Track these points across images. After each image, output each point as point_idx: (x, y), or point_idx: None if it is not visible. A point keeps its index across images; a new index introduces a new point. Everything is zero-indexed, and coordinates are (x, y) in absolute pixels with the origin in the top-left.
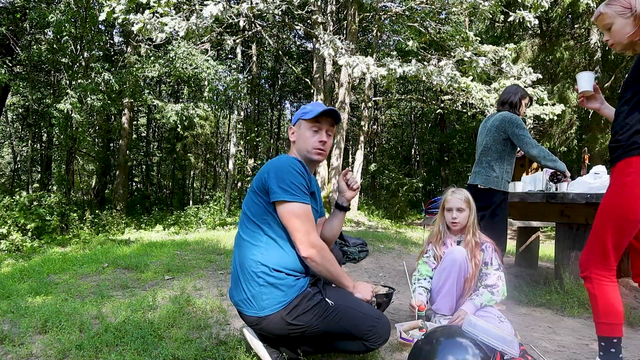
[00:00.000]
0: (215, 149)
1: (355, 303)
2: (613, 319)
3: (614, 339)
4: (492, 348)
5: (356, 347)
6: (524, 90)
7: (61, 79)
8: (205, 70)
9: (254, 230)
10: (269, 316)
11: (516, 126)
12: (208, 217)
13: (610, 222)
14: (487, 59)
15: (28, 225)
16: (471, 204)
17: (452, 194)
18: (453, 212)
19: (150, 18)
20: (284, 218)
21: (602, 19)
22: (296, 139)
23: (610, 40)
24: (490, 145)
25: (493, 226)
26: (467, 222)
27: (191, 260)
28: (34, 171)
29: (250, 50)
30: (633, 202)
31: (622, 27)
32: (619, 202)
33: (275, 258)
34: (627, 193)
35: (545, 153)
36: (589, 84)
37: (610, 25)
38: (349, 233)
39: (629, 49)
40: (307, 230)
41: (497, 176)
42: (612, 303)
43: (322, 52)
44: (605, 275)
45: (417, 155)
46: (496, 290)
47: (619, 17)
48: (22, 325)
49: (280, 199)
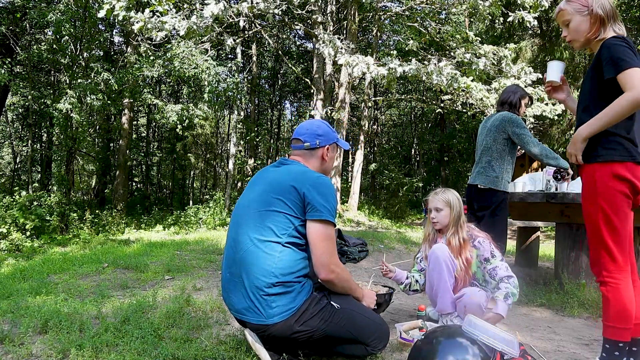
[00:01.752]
0: (215, 149)
1: (359, 307)
2: (623, 324)
3: (620, 343)
4: (492, 348)
5: (357, 351)
6: (523, 90)
7: (61, 79)
8: (205, 71)
9: (270, 239)
10: (277, 324)
11: (516, 125)
12: (208, 217)
13: (600, 222)
14: (487, 60)
15: (28, 225)
16: (452, 204)
17: (434, 194)
18: (432, 212)
19: (150, 17)
20: (316, 236)
21: (562, 15)
22: (328, 160)
23: (568, 37)
24: (490, 145)
25: (493, 226)
26: (448, 222)
27: (191, 260)
28: (34, 171)
29: (250, 50)
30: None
31: (579, 24)
32: (597, 201)
33: (287, 267)
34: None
35: (547, 151)
36: (557, 74)
37: (569, 22)
38: (349, 233)
39: (585, 47)
40: (332, 253)
41: (497, 176)
42: (625, 308)
43: (322, 52)
44: (618, 278)
45: (417, 155)
46: (512, 280)
47: (577, 15)
48: (22, 325)
49: (323, 218)
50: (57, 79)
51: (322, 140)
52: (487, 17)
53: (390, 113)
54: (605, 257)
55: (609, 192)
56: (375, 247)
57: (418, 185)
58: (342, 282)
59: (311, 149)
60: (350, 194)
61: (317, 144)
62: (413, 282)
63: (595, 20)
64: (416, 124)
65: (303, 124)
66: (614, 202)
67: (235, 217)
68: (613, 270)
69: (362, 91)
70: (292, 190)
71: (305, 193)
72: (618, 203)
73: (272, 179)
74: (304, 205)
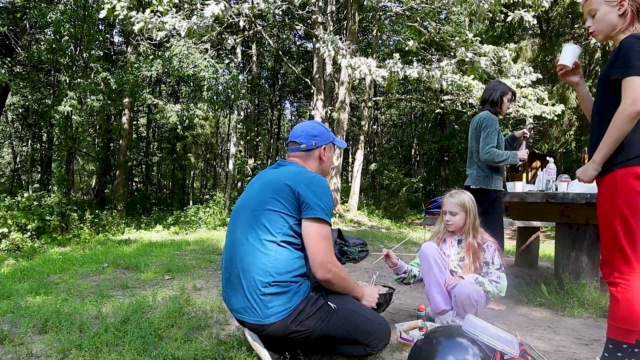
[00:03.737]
0: (215, 149)
1: (357, 307)
2: (630, 326)
3: (624, 344)
4: (492, 348)
5: (356, 351)
6: (505, 85)
7: (61, 79)
8: (204, 69)
9: (266, 237)
10: (274, 323)
11: (483, 128)
12: (208, 217)
13: (616, 223)
14: (488, 59)
15: (29, 225)
16: (467, 207)
17: (449, 196)
18: (447, 215)
19: (151, 17)
20: (311, 235)
21: (589, 4)
22: (326, 160)
23: (592, 27)
24: (474, 146)
25: (487, 225)
26: (465, 225)
27: (191, 260)
28: (34, 171)
29: (250, 50)
30: (629, 202)
31: (606, 15)
32: (616, 201)
33: (283, 266)
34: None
35: (493, 155)
36: (570, 58)
37: (595, 11)
38: (349, 233)
39: (609, 39)
40: (328, 253)
41: (485, 176)
42: (634, 310)
43: (322, 52)
44: (630, 280)
45: (417, 155)
46: (495, 284)
47: (604, 5)
48: (22, 325)
49: (317, 217)
50: (57, 79)
51: (318, 140)
52: (487, 16)
53: (390, 113)
54: (619, 259)
55: (629, 193)
56: (376, 247)
57: (418, 185)
58: (340, 282)
59: (308, 150)
60: (350, 194)
61: (314, 145)
62: (410, 275)
63: (623, 12)
64: (416, 124)
65: (297, 126)
66: (632, 204)
67: (233, 217)
68: (626, 272)
69: (362, 91)
70: (287, 189)
71: (299, 192)
72: (636, 205)
73: (268, 179)
74: (299, 204)
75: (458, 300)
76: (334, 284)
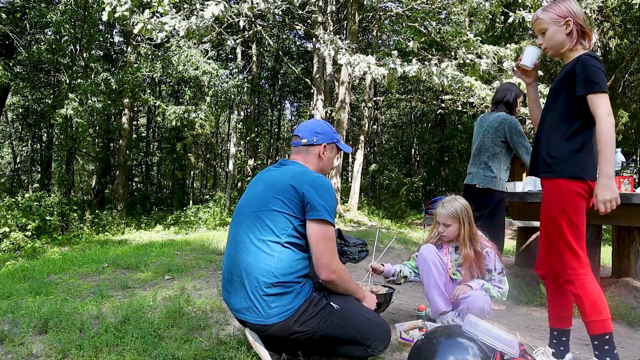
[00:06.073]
0: (215, 149)
1: (359, 308)
2: (601, 315)
3: (606, 335)
4: (492, 348)
5: (357, 352)
6: (517, 88)
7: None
8: (207, 73)
9: (270, 238)
10: (277, 324)
11: (516, 132)
12: (208, 217)
13: (562, 222)
14: (489, 60)
15: (29, 225)
16: (461, 217)
17: (441, 207)
18: (440, 226)
19: (150, 18)
20: (316, 237)
21: (538, 24)
22: (326, 159)
23: (544, 45)
24: (488, 146)
25: (491, 226)
26: (460, 235)
27: (191, 260)
28: (34, 171)
29: (250, 50)
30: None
31: (554, 34)
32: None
33: (287, 267)
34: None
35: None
36: (531, 60)
37: (545, 30)
38: (349, 233)
39: (558, 56)
40: (332, 254)
41: (494, 176)
42: (596, 300)
43: (322, 52)
44: (582, 273)
45: (417, 155)
46: (499, 289)
47: (553, 24)
48: (22, 325)
49: (322, 218)
50: (57, 79)
51: (319, 138)
52: (487, 16)
53: (390, 113)
54: (568, 254)
55: (571, 195)
56: (376, 247)
57: (418, 185)
58: (343, 283)
59: (308, 145)
60: (350, 194)
61: (315, 141)
62: (400, 276)
63: (570, 32)
64: (416, 124)
65: (304, 122)
66: (573, 203)
67: (235, 217)
68: (576, 267)
69: (362, 91)
70: (291, 189)
71: (304, 193)
72: (577, 204)
73: (271, 179)
74: (303, 205)
75: (471, 312)
76: (337, 285)
